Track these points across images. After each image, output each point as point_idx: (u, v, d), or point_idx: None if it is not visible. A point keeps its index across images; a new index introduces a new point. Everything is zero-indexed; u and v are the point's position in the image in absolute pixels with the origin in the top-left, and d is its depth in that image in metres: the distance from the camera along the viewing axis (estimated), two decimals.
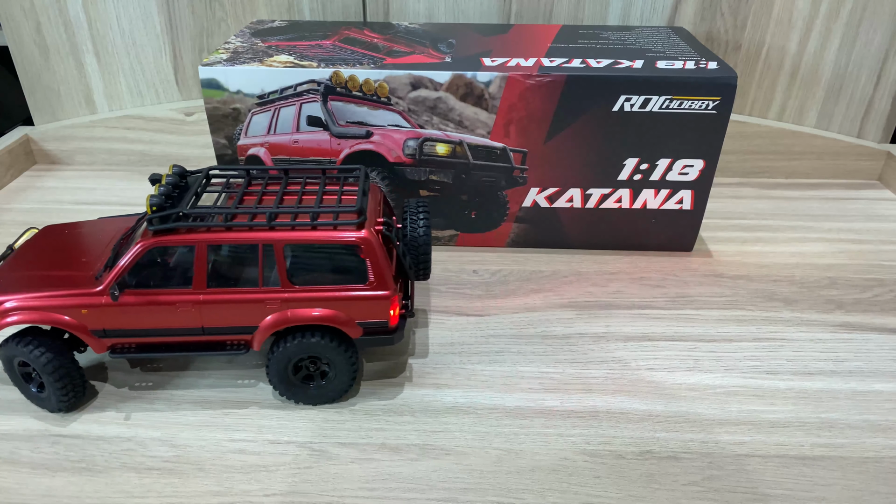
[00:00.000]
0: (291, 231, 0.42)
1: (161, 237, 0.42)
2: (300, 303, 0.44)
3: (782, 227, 0.70)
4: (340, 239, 0.42)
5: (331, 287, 0.44)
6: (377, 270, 0.43)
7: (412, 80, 0.58)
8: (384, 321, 0.45)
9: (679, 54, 0.62)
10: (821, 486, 0.42)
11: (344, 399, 0.47)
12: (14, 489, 0.41)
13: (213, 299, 0.43)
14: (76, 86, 0.80)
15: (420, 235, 0.48)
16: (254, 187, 0.47)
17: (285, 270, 0.43)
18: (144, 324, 0.44)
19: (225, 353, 0.45)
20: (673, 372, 0.51)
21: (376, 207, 0.46)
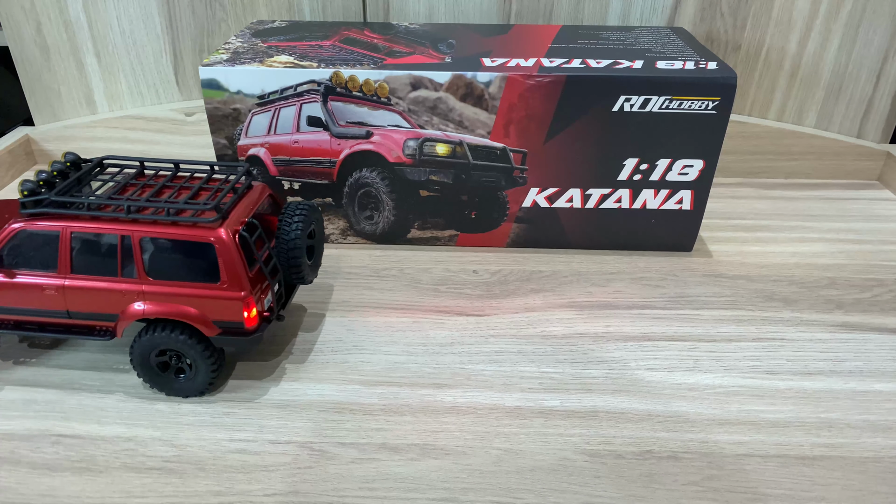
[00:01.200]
0: (148, 225, 0.43)
1: (29, 221, 0.44)
2: (156, 296, 0.44)
3: (782, 228, 0.70)
4: (193, 236, 0.43)
5: (186, 284, 0.44)
6: (230, 271, 0.43)
7: (412, 80, 0.59)
8: (239, 322, 0.45)
9: (679, 54, 0.62)
10: (820, 485, 0.42)
11: (212, 393, 0.48)
12: (14, 489, 0.41)
13: (75, 285, 0.45)
14: (76, 86, 0.80)
15: (290, 239, 0.47)
16: (141, 179, 0.48)
17: (142, 263, 0.44)
18: (15, 302, 0.46)
19: (92, 338, 0.46)
20: (672, 372, 0.51)
21: (250, 207, 0.46)
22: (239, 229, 0.44)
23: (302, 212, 0.48)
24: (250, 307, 0.44)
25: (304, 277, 0.49)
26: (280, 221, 0.47)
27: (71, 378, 0.49)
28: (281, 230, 0.47)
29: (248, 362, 0.51)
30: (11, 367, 0.50)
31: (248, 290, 0.44)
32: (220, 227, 0.43)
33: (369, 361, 0.51)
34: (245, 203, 0.46)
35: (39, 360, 0.51)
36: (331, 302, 0.58)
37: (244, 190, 0.47)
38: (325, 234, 0.53)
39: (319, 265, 0.53)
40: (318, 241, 0.52)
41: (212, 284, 0.44)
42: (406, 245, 0.67)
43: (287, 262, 0.47)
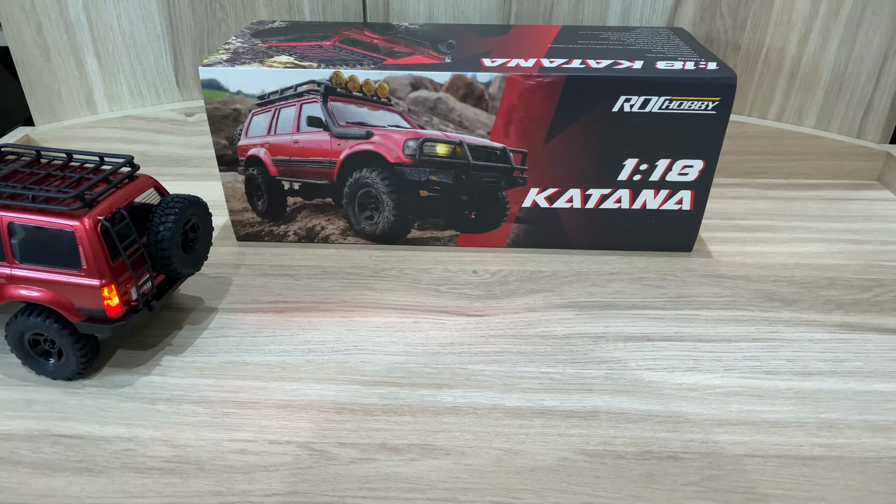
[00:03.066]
0: (17, 211, 0.45)
1: None
2: (23, 281, 0.46)
3: (782, 228, 0.70)
4: (55, 224, 0.44)
5: (51, 270, 0.45)
6: (89, 259, 0.44)
7: (412, 80, 0.59)
8: (100, 309, 0.46)
9: (679, 55, 0.62)
10: (820, 486, 0.42)
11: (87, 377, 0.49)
12: (14, 489, 0.41)
13: None
14: (77, 86, 0.80)
15: (158, 232, 0.48)
16: (30, 166, 0.49)
17: (9, 247, 0.45)
18: None
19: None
20: (672, 372, 0.51)
21: (124, 198, 0.47)
22: (101, 219, 0.45)
23: (176, 206, 0.49)
24: (110, 294, 0.45)
25: (176, 270, 0.50)
26: (152, 214, 0.48)
27: None
28: (152, 223, 0.48)
29: (248, 363, 0.51)
30: (11, 367, 0.50)
31: (109, 279, 0.45)
32: (83, 217, 0.44)
33: (369, 361, 0.51)
34: (120, 194, 0.47)
35: None
36: (331, 302, 0.58)
37: (121, 181, 0.48)
38: (211, 227, 0.54)
39: (204, 258, 0.54)
40: (203, 235, 0.53)
41: (74, 272, 0.45)
42: (406, 245, 0.67)
43: (156, 254, 0.48)
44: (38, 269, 0.46)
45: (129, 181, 0.49)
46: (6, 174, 0.48)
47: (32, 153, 0.51)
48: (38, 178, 0.47)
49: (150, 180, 0.50)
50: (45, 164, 0.50)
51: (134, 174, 0.50)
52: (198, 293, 0.59)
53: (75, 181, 0.47)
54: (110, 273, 0.45)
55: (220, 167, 0.63)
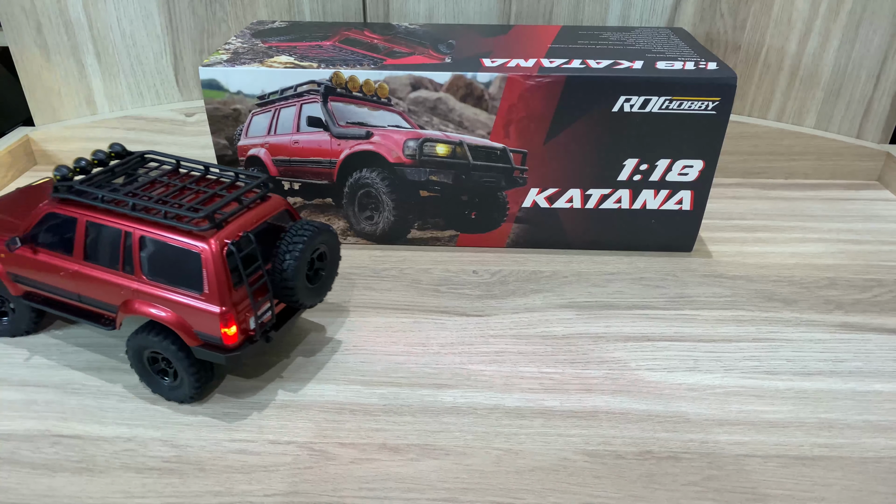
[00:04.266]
0: (148, 225, 0.44)
1: (55, 205, 0.46)
2: (147, 296, 0.45)
3: (782, 228, 0.70)
4: (183, 243, 0.43)
5: (174, 289, 0.44)
6: (211, 284, 0.42)
7: (412, 80, 0.59)
8: (217, 337, 0.43)
9: (679, 55, 0.62)
10: (820, 486, 0.42)
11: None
12: (14, 489, 0.41)
13: (84, 272, 0.46)
14: (77, 86, 0.80)
15: (284, 261, 0.45)
16: (169, 177, 0.48)
17: (139, 261, 0.44)
18: (42, 279, 0.48)
19: (98, 326, 0.47)
20: (672, 372, 0.51)
21: (254, 220, 0.45)
22: (227, 243, 0.43)
23: (305, 234, 0.46)
24: (228, 323, 0.43)
25: (299, 301, 0.46)
26: (280, 241, 0.45)
27: (71, 378, 0.49)
28: (279, 250, 0.45)
29: (248, 363, 0.51)
30: (11, 367, 0.50)
31: (228, 306, 0.43)
32: (209, 239, 0.42)
33: (369, 361, 0.51)
34: (250, 216, 0.45)
35: (39, 360, 0.51)
36: (331, 302, 0.58)
37: (254, 201, 0.46)
38: (339, 256, 0.50)
39: (328, 289, 0.50)
40: (330, 265, 0.49)
41: (195, 294, 0.43)
42: (406, 245, 0.67)
43: (280, 283, 0.45)
44: (162, 287, 0.44)
45: (260, 202, 0.47)
46: (146, 184, 0.47)
47: (173, 162, 0.49)
48: (174, 190, 0.46)
49: (281, 202, 0.48)
50: (183, 174, 0.49)
51: (266, 195, 0.47)
52: None
53: (208, 197, 0.45)
54: (231, 301, 0.43)
55: None
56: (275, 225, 0.47)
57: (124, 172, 0.48)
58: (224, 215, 0.44)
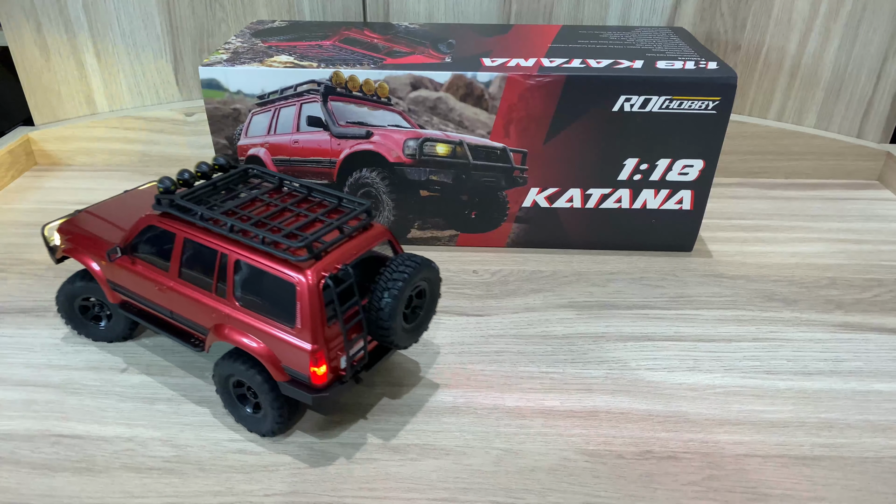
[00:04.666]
0: (244, 248, 0.41)
1: (156, 218, 0.45)
2: (238, 323, 0.42)
3: (782, 228, 0.70)
4: (276, 271, 0.40)
5: (266, 319, 0.41)
6: (304, 318, 0.40)
7: (412, 80, 0.59)
8: (306, 375, 0.41)
9: (679, 54, 0.62)
10: (821, 485, 0.42)
11: (283, 436, 0.45)
12: (14, 489, 0.41)
13: (178, 289, 0.45)
14: (76, 86, 0.80)
15: (382, 299, 0.41)
16: (270, 195, 0.45)
17: (232, 285, 0.42)
18: (138, 291, 0.47)
19: (187, 346, 0.46)
20: (673, 372, 0.51)
21: (354, 251, 0.42)
22: (325, 276, 0.39)
23: (406, 270, 0.42)
24: (318, 362, 0.40)
25: (394, 343, 0.42)
26: (378, 277, 0.42)
27: (71, 378, 0.49)
28: (376, 287, 0.41)
29: None
30: (11, 367, 0.50)
31: (320, 344, 0.40)
32: (306, 270, 0.39)
33: None
34: (350, 246, 0.42)
35: (39, 360, 0.51)
36: None
37: (355, 230, 0.43)
38: (439, 294, 0.46)
39: (425, 329, 0.46)
40: (429, 303, 0.45)
41: (287, 328, 0.40)
42: (406, 245, 0.67)
43: (376, 322, 0.42)
44: (253, 315, 0.42)
45: (362, 230, 0.43)
46: (246, 202, 0.44)
47: (275, 180, 0.47)
48: (275, 211, 0.43)
49: (383, 232, 0.44)
50: (285, 193, 0.46)
51: (369, 223, 0.44)
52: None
53: (308, 222, 0.42)
54: (323, 338, 0.40)
55: None
56: (374, 256, 0.44)
57: (226, 187, 0.46)
58: (324, 245, 0.40)
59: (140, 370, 0.50)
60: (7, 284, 0.59)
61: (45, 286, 0.59)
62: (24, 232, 0.68)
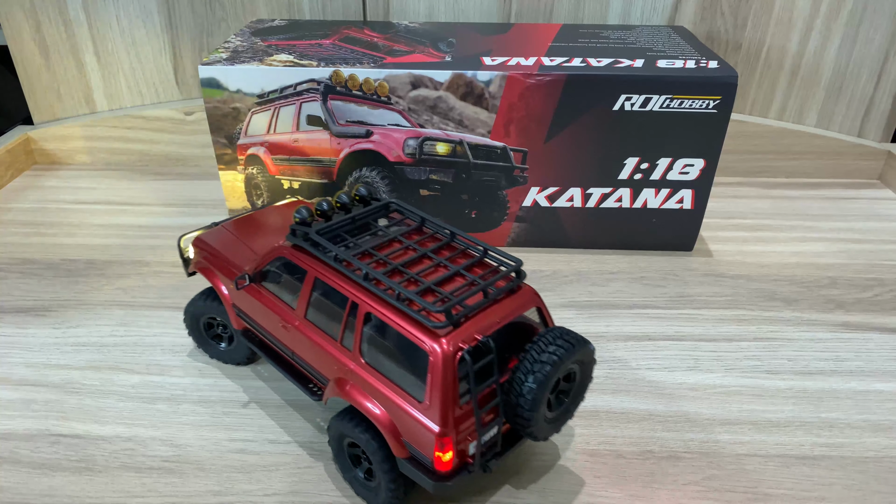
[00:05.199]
0: (377, 301, 0.37)
1: (289, 250, 0.41)
2: (361, 381, 0.38)
3: (783, 227, 0.70)
4: (410, 335, 0.35)
5: (393, 385, 0.36)
6: (434, 394, 0.34)
7: (412, 79, 0.58)
8: (428, 459, 0.36)
9: (679, 53, 0.62)
10: (821, 485, 0.42)
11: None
12: (14, 489, 0.41)
13: (303, 330, 0.41)
14: (76, 85, 0.80)
15: (524, 383, 0.35)
16: (410, 237, 0.41)
17: (360, 339, 0.38)
18: (261, 321, 0.44)
19: (304, 391, 0.42)
20: (673, 371, 0.51)
21: (498, 319, 0.36)
22: (464, 348, 0.34)
23: (558, 351, 0.35)
24: (445, 448, 0.35)
25: (534, 434, 0.36)
26: (523, 356, 0.36)
27: (70, 378, 0.49)
28: (520, 367, 0.35)
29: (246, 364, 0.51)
30: (11, 367, 0.50)
31: (449, 427, 0.34)
32: (442, 338, 0.34)
33: None
34: (494, 312, 0.36)
35: (39, 360, 0.51)
36: None
37: (502, 293, 0.37)
38: (591, 378, 0.39)
39: (570, 418, 0.39)
40: (578, 389, 0.38)
41: (415, 400, 0.35)
42: None
43: (515, 409, 0.36)
44: (379, 377, 0.37)
45: (508, 293, 0.38)
46: (384, 242, 0.40)
47: (417, 219, 0.43)
48: (414, 258, 0.39)
49: (532, 298, 0.38)
50: (426, 235, 0.41)
51: (517, 285, 0.38)
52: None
53: (448, 277, 0.38)
54: (453, 419, 0.34)
55: (220, 166, 0.63)
56: (520, 324, 0.38)
57: (365, 222, 0.42)
58: (465, 310, 0.35)
59: (140, 370, 0.50)
60: (7, 284, 0.59)
61: (45, 285, 0.59)
62: (23, 231, 0.68)
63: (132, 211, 0.71)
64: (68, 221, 0.70)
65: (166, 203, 0.73)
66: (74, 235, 0.67)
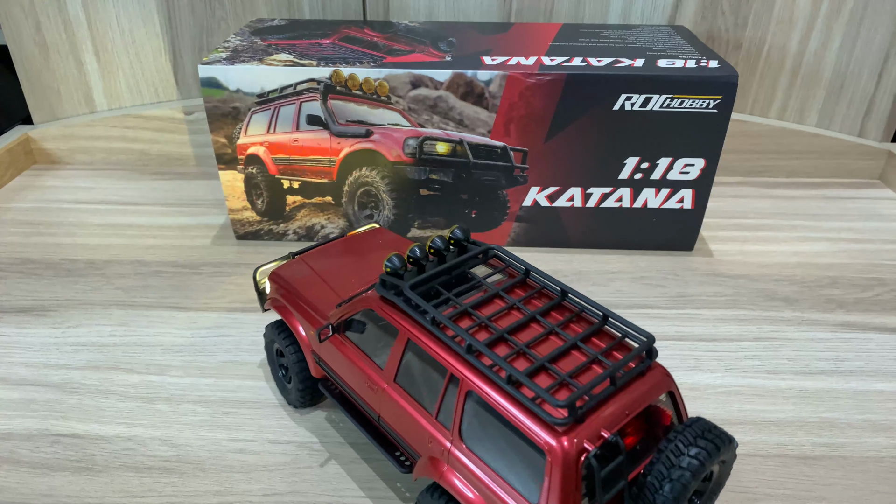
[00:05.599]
0: (482, 378, 0.32)
1: (378, 303, 0.37)
2: (458, 466, 0.33)
3: (783, 227, 0.70)
4: (521, 425, 0.30)
5: (497, 477, 0.32)
6: (552, 500, 0.29)
7: (412, 78, 0.58)
8: None
9: (680, 53, 0.62)
10: (821, 485, 0.42)
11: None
12: (14, 489, 0.41)
13: (393, 395, 0.37)
14: (76, 85, 0.80)
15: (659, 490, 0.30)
16: (514, 292, 0.37)
17: (460, 418, 0.33)
18: (341, 374, 0.40)
19: (392, 461, 0.38)
20: (674, 371, 0.51)
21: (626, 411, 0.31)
22: (590, 449, 0.29)
23: (701, 453, 0.30)
24: None
25: None
26: (658, 456, 0.30)
27: (70, 377, 0.49)
28: (655, 469, 0.30)
29: (248, 362, 0.51)
30: (11, 367, 0.50)
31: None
32: (564, 437, 0.29)
33: None
34: (623, 401, 0.31)
35: (39, 360, 0.51)
36: None
37: (632, 377, 0.32)
38: (728, 475, 0.34)
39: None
40: (714, 488, 0.33)
41: (525, 501, 0.30)
42: None
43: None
44: (481, 464, 0.32)
45: (637, 377, 0.32)
46: (485, 299, 0.36)
47: (522, 269, 0.38)
48: (521, 322, 0.34)
49: (665, 380, 0.32)
50: (533, 291, 0.37)
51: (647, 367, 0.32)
52: (198, 293, 0.59)
53: (564, 351, 0.33)
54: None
55: (220, 166, 0.63)
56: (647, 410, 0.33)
57: (462, 274, 0.38)
58: (591, 402, 0.30)
59: (140, 370, 0.50)
60: (7, 284, 0.59)
61: (45, 285, 0.59)
62: (23, 231, 0.67)
63: (132, 211, 0.71)
64: (68, 221, 0.69)
65: (166, 203, 0.73)
66: (74, 235, 0.67)
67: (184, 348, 0.52)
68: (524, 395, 0.30)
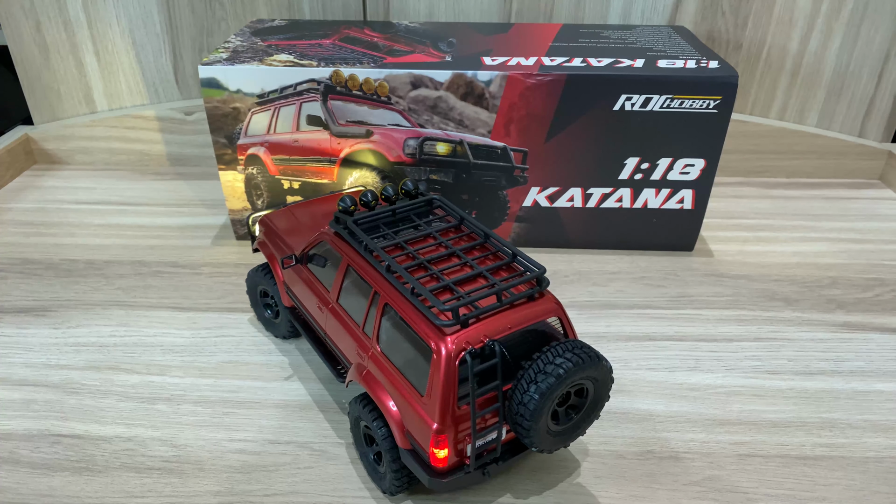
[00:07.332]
0: (395, 293, 0.38)
1: (329, 236, 0.44)
2: (375, 370, 0.39)
3: (783, 227, 0.70)
4: (417, 328, 0.36)
5: (401, 375, 0.37)
6: (434, 392, 0.35)
7: (412, 79, 0.58)
8: (425, 453, 0.36)
9: (680, 53, 0.62)
10: (822, 486, 0.42)
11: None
12: (14, 489, 0.41)
13: (334, 313, 0.43)
14: (76, 85, 0.80)
15: (525, 392, 0.34)
16: (445, 234, 0.42)
17: (377, 328, 0.39)
18: (301, 299, 0.47)
19: (333, 372, 0.44)
20: (674, 372, 0.51)
21: (510, 324, 0.36)
22: (466, 349, 0.34)
23: (565, 364, 0.34)
24: (440, 444, 0.35)
25: (533, 444, 0.36)
26: (529, 364, 0.35)
27: (70, 378, 0.49)
28: (524, 376, 0.35)
29: (248, 362, 0.51)
30: (11, 367, 0.50)
31: (445, 426, 0.35)
32: (448, 336, 0.35)
33: None
34: (506, 318, 0.36)
35: (39, 360, 0.51)
36: None
37: (518, 299, 0.37)
38: (607, 397, 0.38)
39: (580, 434, 0.38)
40: (591, 406, 0.38)
41: (418, 393, 0.36)
42: None
43: (514, 417, 0.35)
44: (391, 367, 0.38)
45: (527, 300, 0.37)
46: (418, 238, 0.41)
47: (456, 217, 0.43)
48: (442, 255, 0.40)
49: (553, 308, 0.38)
50: (462, 234, 0.42)
51: (537, 293, 0.38)
52: (198, 293, 0.59)
53: (469, 277, 0.38)
54: (450, 419, 0.35)
55: (220, 166, 0.63)
56: (539, 331, 0.38)
57: (406, 216, 0.43)
58: (472, 313, 0.35)
59: (140, 370, 0.50)
60: (7, 284, 0.59)
61: (45, 285, 0.59)
62: (23, 231, 0.68)
63: (132, 211, 0.71)
64: (68, 221, 0.70)
65: (166, 203, 0.73)
66: (74, 235, 0.67)
67: (184, 348, 0.52)
68: (422, 304, 0.36)
